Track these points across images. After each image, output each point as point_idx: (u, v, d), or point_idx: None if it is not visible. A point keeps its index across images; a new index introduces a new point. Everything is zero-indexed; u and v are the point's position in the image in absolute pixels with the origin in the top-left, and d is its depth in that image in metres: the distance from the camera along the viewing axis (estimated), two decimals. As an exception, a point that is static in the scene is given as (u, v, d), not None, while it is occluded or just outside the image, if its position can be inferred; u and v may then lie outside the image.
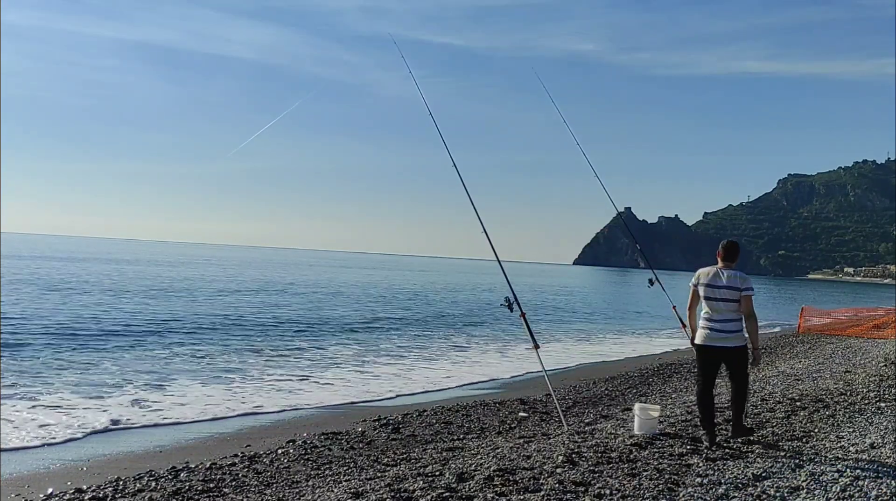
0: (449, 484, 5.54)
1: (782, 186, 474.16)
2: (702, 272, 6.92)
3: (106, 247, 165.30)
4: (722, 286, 6.74)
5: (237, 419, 10.03)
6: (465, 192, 9.01)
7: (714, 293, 6.75)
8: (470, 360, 17.41)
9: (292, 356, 16.63)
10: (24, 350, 15.39)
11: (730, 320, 6.73)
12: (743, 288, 6.71)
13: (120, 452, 8.15)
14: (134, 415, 10.08)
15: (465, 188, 9.03)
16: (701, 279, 6.86)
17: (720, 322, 6.73)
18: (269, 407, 10.94)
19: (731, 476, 5.64)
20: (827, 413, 8.42)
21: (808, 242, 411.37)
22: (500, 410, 10.19)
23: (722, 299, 6.73)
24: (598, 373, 14.52)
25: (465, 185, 9.05)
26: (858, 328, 24.09)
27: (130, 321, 22.13)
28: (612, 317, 36.14)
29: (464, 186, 9.04)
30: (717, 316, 6.75)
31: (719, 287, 6.74)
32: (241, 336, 20.26)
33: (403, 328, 25.08)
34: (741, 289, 6.70)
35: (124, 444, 8.54)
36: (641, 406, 7.39)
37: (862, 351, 16.49)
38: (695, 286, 6.90)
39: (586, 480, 5.53)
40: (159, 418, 10.03)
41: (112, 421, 9.63)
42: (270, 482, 6.37)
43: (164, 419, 9.92)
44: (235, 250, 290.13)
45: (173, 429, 9.39)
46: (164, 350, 16.65)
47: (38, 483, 6.78)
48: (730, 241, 6.99)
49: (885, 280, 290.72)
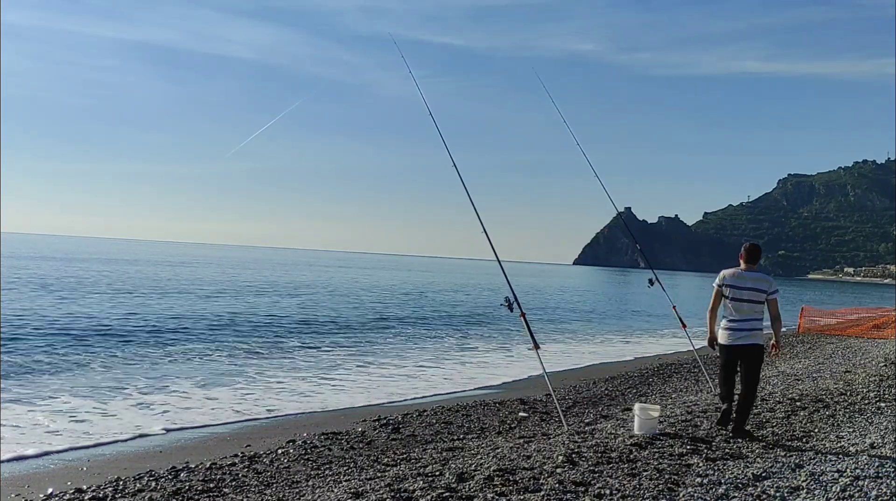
0: (449, 484, 5.54)
1: (782, 186, 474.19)
2: (726, 273, 7.10)
3: (106, 247, 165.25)
4: (747, 288, 6.95)
5: (237, 420, 10.02)
6: (465, 192, 9.01)
7: (739, 294, 6.96)
8: (470, 360, 17.39)
9: (292, 356, 16.63)
10: (25, 351, 15.39)
11: (751, 319, 6.94)
12: (770, 291, 6.96)
13: (120, 452, 8.15)
14: (135, 416, 10.08)
15: (465, 188, 9.03)
16: (726, 280, 7.04)
17: (741, 322, 6.95)
18: (268, 408, 10.93)
19: (731, 476, 5.64)
20: (827, 413, 8.42)
21: (808, 242, 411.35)
22: (500, 410, 10.19)
23: (747, 300, 6.94)
24: (598, 373, 14.53)
25: (465, 185, 9.06)
26: (858, 328, 24.11)
27: (131, 322, 22.12)
28: (612, 317, 36.13)
29: (464, 186, 9.04)
30: (739, 316, 6.96)
31: (744, 288, 6.95)
32: (240, 337, 20.26)
33: (403, 328, 25.07)
34: (768, 292, 6.95)
35: (124, 444, 8.54)
36: (641, 406, 7.39)
37: (862, 351, 16.50)
38: (719, 287, 7.09)
39: (586, 480, 5.53)
40: (160, 420, 10.03)
41: (112, 423, 9.63)
42: (270, 482, 6.37)
43: (165, 419, 9.92)
44: (235, 250, 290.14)
45: (173, 430, 9.38)
46: (164, 351, 16.65)
47: (38, 483, 6.78)
48: (752, 243, 7.21)
49: (885, 280, 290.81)
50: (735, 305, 6.96)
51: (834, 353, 16.33)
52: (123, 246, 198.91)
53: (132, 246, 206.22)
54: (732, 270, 7.11)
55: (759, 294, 6.93)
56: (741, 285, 6.97)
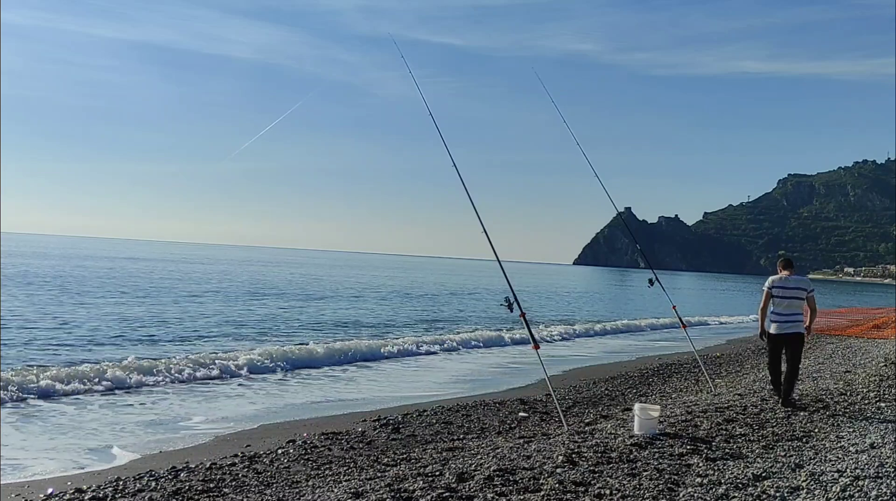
0: (449, 484, 5.54)
1: (782, 186, 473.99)
2: (773, 279, 9.02)
3: (106, 247, 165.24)
4: (792, 287, 8.88)
5: (237, 420, 10.02)
6: (465, 192, 9.01)
7: (785, 294, 8.86)
8: (469, 360, 17.39)
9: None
10: (24, 352, 15.40)
11: (794, 313, 8.85)
12: (809, 290, 8.89)
13: (120, 452, 8.14)
14: (134, 416, 10.08)
15: (464, 188, 9.03)
16: (774, 284, 8.94)
17: (787, 315, 8.84)
18: (268, 408, 10.94)
19: (731, 476, 5.64)
20: (827, 413, 8.42)
21: (808, 242, 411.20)
22: (500, 410, 10.19)
23: (791, 297, 8.84)
24: (598, 373, 14.52)
25: (465, 185, 9.05)
26: (858, 328, 24.10)
27: (131, 323, 22.13)
28: (612, 317, 36.12)
29: (463, 186, 9.04)
30: (786, 311, 8.84)
31: (789, 288, 8.88)
32: (241, 337, 20.26)
33: (403, 328, 25.08)
34: (808, 290, 8.88)
35: (124, 444, 8.53)
36: (641, 406, 7.39)
37: (862, 351, 16.50)
38: (769, 289, 8.96)
39: (586, 480, 5.53)
40: (162, 421, 10.03)
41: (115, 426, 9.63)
42: (270, 482, 6.36)
43: (166, 420, 9.93)
44: (235, 250, 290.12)
45: (174, 430, 9.38)
46: (165, 351, 16.66)
47: (38, 484, 6.77)
48: (787, 257, 9.55)
49: (885, 280, 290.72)
50: (783, 302, 8.84)
51: (834, 353, 16.33)
52: (123, 246, 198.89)
53: (132, 246, 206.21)
54: (778, 276, 9.00)
55: (802, 292, 8.83)
56: (787, 286, 8.87)
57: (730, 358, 16.44)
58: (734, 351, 18.20)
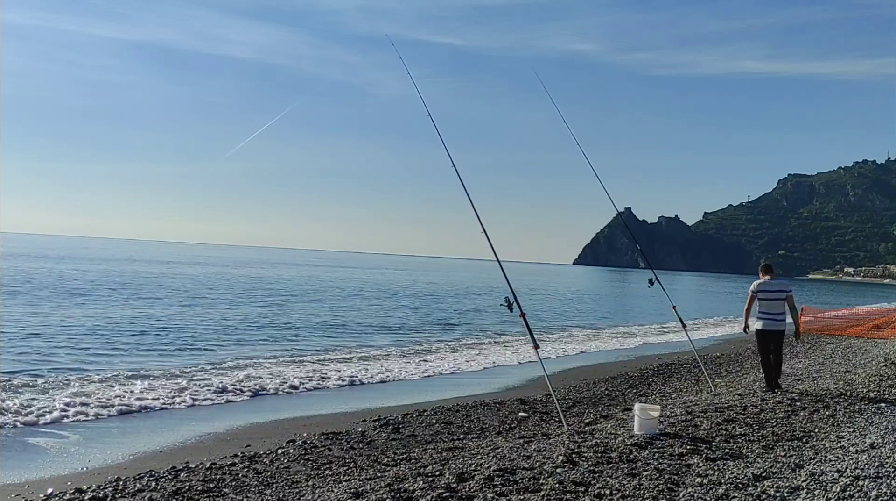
0: (449, 484, 5.54)
1: (782, 186, 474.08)
2: (758, 282, 10.33)
3: (105, 247, 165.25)
4: (774, 290, 10.24)
5: (237, 420, 10.01)
6: (465, 192, 9.01)
7: (769, 296, 10.21)
8: (469, 360, 17.38)
9: (292, 357, 16.63)
10: (25, 352, 15.39)
11: (779, 312, 10.23)
12: (788, 291, 10.28)
13: (120, 452, 8.14)
14: (135, 418, 10.08)
15: (464, 188, 9.03)
16: (759, 287, 10.26)
17: (773, 314, 10.22)
18: (268, 408, 10.93)
19: (731, 476, 5.64)
20: (827, 413, 8.42)
21: (808, 242, 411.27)
22: (500, 410, 10.19)
23: (774, 299, 10.19)
24: (598, 373, 14.51)
25: (465, 185, 9.05)
26: (858, 328, 24.09)
27: (131, 323, 22.12)
28: (612, 317, 36.12)
29: (463, 186, 9.03)
30: (771, 310, 10.21)
31: (772, 291, 10.23)
32: (241, 337, 20.26)
33: (402, 328, 25.07)
34: (787, 291, 10.26)
35: (124, 445, 8.53)
36: (641, 406, 7.39)
37: (862, 351, 16.50)
38: (753, 292, 10.30)
39: (586, 480, 5.53)
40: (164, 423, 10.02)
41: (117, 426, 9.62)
42: (270, 482, 6.36)
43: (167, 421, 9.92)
44: (235, 250, 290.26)
45: (175, 431, 9.38)
46: (165, 352, 16.65)
47: (39, 483, 6.77)
48: (767, 262, 11.03)
49: (885, 280, 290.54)
50: (768, 303, 10.19)
51: (834, 353, 16.33)
52: (124, 246, 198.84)
53: (132, 246, 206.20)
54: (761, 280, 10.33)
55: (783, 293, 10.19)
56: (769, 288, 10.23)
57: (730, 358, 16.43)
58: (734, 351, 18.19)
